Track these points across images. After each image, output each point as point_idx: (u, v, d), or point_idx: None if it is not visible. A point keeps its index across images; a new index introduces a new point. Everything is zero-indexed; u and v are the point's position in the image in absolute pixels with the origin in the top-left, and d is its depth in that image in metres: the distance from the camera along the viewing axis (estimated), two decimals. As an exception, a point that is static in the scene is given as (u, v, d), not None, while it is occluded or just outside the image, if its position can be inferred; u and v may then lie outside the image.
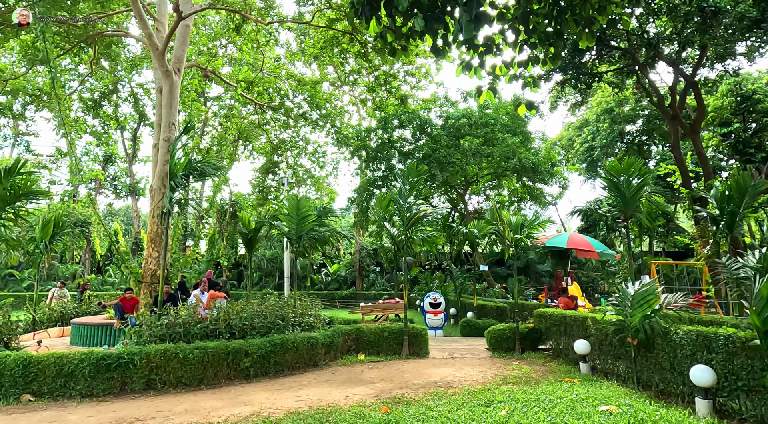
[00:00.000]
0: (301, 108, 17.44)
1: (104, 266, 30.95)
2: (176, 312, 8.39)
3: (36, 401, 6.41)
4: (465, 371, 8.43)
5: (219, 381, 7.47)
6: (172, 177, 8.52)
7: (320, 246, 10.80)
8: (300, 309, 10.07)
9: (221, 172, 9.08)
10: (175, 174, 8.54)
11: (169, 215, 8.65)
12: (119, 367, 6.79)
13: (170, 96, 11.94)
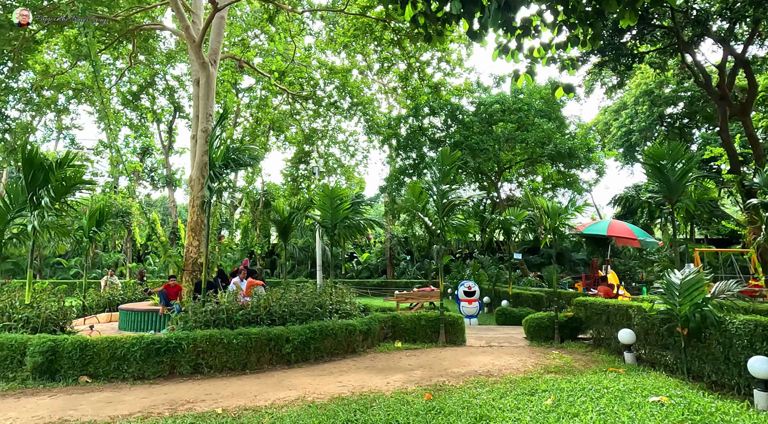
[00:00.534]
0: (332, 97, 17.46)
1: (144, 254, 32.09)
2: (217, 299, 8.64)
3: (93, 382, 6.72)
4: (504, 360, 8.36)
5: (262, 366, 7.65)
6: (212, 167, 8.68)
7: (355, 234, 10.84)
8: (336, 297, 10.19)
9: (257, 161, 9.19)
10: (214, 164, 8.69)
11: (209, 205, 8.84)
12: (168, 351, 7.03)
13: (207, 87, 12.14)
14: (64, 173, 8.63)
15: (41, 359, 6.65)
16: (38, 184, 8.44)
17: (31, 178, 8.43)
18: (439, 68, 13.61)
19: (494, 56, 6.90)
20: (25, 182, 8.45)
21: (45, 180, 8.47)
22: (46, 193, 8.41)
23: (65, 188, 8.68)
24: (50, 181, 8.49)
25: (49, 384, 6.62)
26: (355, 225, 10.68)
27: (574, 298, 10.49)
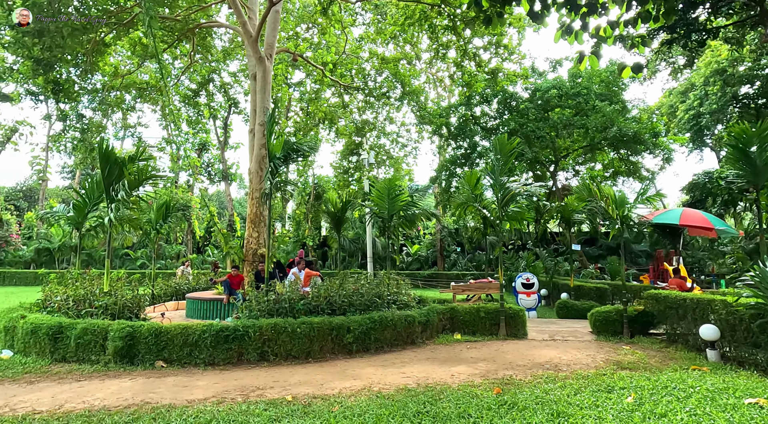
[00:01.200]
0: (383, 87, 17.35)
1: (203, 246, 33.58)
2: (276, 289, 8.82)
3: (167, 367, 7.04)
4: (571, 354, 8.01)
5: (324, 355, 7.74)
6: (272, 158, 8.82)
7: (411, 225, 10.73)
8: (394, 288, 10.15)
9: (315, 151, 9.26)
10: (274, 155, 8.82)
11: (270, 197, 9.01)
12: (236, 338, 7.24)
13: (264, 81, 12.37)
14: (136, 167, 9.07)
15: (121, 344, 7.03)
16: (114, 178, 8.91)
17: (107, 172, 8.91)
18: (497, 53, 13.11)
19: (556, 38, 6.51)
20: (102, 177, 8.95)
21: (120, 174, 8.94)
22: (121, 186, 8.86)
23: (138, 181, 9.11)
24: (124, 175, 8.94)
25: (129, 368, 6.98)
26: (412, 216, 10.57)
27: (645, 291, 9.89)
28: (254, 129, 12.69)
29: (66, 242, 31.31)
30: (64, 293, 8.87)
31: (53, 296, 9.06)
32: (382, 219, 10.74)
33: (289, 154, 8.79)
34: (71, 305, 8.42)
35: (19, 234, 35.05)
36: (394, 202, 10.35)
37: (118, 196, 8.87)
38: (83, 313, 8.15)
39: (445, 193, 22.55)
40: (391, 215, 10.50)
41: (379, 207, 10.75)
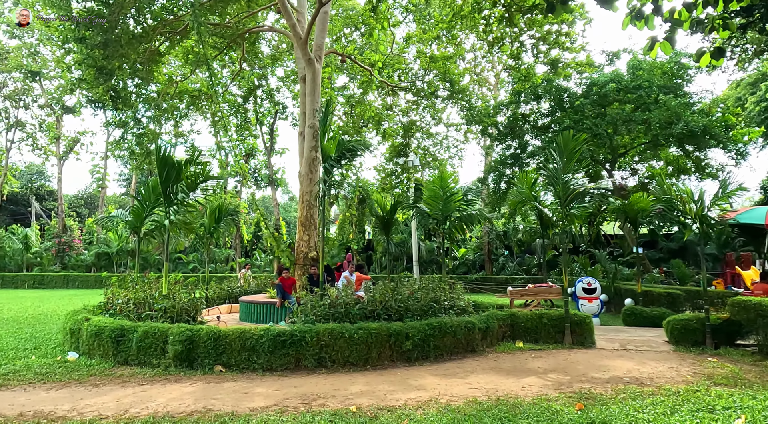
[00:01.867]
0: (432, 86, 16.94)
1: (251, 250, 34.24)
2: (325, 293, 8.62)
3: (226, 372, 6.93)
4: (651, 367, 7.32)
5: (382, 362, 7.42)
6: (326, 159, 8.63)
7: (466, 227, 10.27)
8: (450, 293, 9.73)
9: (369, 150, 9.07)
10: (328, 156, 8.62)
11: (324, 198, 8.84)
12: (293, 344, 7.05)
13: (313, 83, 12.29)
14: (192, 171, 9.12)
15: (181, 348, 6.99)
16: (171, 182, 9.00)
17: (165, 176, 9.01)
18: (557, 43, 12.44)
19: (624, 24, 5.94)
20: (160, 180, 9.06)
21: (177, 177, 9.02)
22: (178, 189, 8.93)
23: (194, 184, 9.17)
24: (181, 178, 9.02)
25: (188, 372, 6.93)
26: (468, 217, 10.11)
27: (730, 298, 8.99)
28: (304, 132, 12.64)
29: (123, 247, 32.72)
30: (125, 296, 9.02)
31: (115, 299, 9.24)
32: (436, 221, 10.34)
33: (344, 154, 8.58)
34: (132, 308, 8.53)
35: (80, 239, 37.01)
36: (448, 203, 9.94)
37: (175, 200, 8.94)
38: (143, 316, 8.23)
39: (494, 195, 21.84)
40: (446, 216, 10.10)
41: (431, 208, 10.37)
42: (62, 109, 37.23)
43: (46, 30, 28.57)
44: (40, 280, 30.23)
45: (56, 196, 41.33)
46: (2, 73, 35.55)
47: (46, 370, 7.03)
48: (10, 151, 38.43)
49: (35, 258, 34.39)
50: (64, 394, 5.91)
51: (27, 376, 6.72)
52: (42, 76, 35.84)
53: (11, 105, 37.38)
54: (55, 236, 35.59)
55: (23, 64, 34.08)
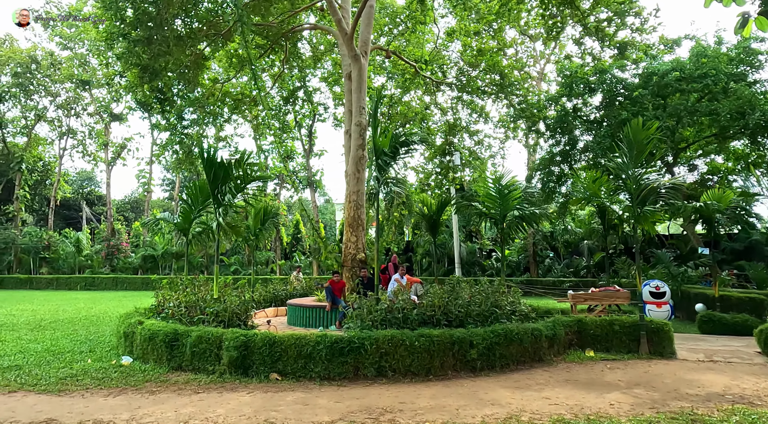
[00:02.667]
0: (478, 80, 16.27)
1: (290, 252, 34.38)
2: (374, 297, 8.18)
3: (282, 380, 6.59)
4: (751, 382, 6.51)
5: (445, 372, 6.91)
6: (378, 155, 8.19)
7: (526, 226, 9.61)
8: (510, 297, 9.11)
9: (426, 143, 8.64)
10: (381, 151, 8.16)
11: (377, 196, 8.39)
12: (351, 351, 6.64)
13: (359, 80, 11.93)
14: (240, 171, 8.90)
15: (236, 354, 6.70)
16: (219, 182, 8.80)
17: (212, 176, 8.82)
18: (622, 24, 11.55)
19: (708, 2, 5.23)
20: (208, 181, 8.88)
21: (225, 178, 8.81)
22: (228, 190, 8.73)
23: (242, 185, 8.95)
24: (229, 178, 8.80)
25: (244, 379, 6.63)
26: (528, 216, 9.45)
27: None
28: (350, 129, 12.29)
29: (168, 250, 33.49)
30: (176, 299, 8.88)
31: (166, 302, 9.12)
32: (494, 220, 9.74)
33: (398, 148, 8.12)
34: (183, 312, 8.36)
35: (128, 242, 38.23)
36: (507, 201, 9.31)
37: (224, 201, 8.74)
38: (196, 320, 8.03)
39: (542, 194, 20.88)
40: (504, 215, 9.48)
41: (488, 207, 9.77)
42: (110, 117, 38.61)
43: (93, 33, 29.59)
44: (91, 282, 31.30)
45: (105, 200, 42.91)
46: (55, 85, 37.21)
47: (102, 374, 6.90)
48: (62, 158, 40.18)
49: (86, 261, 35.72)
50: (121, 401, 5.70)
51: (84, 381, 6.59)
52: (91, 85, 37.28)
53: (63, 114, 39.09)
54: (104, 239, 36.88)
55: (74, 74, 35.53)
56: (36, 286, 31.92)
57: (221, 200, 8.80)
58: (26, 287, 32.05)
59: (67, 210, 47.15)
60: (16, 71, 35.41)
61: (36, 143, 39.29)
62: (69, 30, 34.65)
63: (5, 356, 8.31)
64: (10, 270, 35.62)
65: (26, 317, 14.28)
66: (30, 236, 35.72)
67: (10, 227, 37.87)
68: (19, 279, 32.53)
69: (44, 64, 35.99)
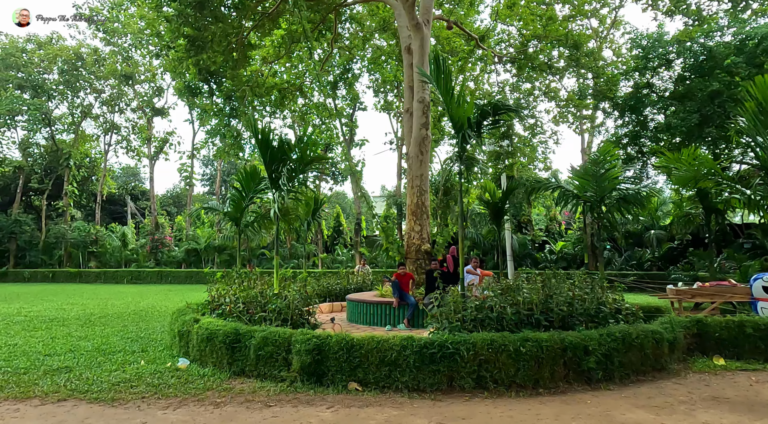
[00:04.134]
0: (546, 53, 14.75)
1: (332, 245, 33.70)
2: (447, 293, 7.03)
3: (363, 391, 5.58)
4: None
5: (556, 384, 5.73)
6: (459, 127, 6.96)
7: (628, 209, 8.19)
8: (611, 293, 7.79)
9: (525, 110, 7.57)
10: (461, 122, 6.93)
11: (461, 176, 7.23)
12: (444, 358, 5.55)
13: (421, 51, 10.78)
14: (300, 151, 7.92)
15: (309, 360, 5.74)
16: (277, 163, 7.85)
17: (269, 158, 7.89)
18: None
19: None
20: (264, 163, 7.95)
21: (282, 159, 7.86)
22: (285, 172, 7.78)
23: (301, 166, 7.98)
24: (287, 160, 7.85)
25: (318, 389, 5.66)
26: (632, 196, 8.04)
27: None
28: (411, 108, 11.17)
29: (210, 243, 33.43)
30: (233, 294, 8.04)
31: (220, 296, 8.30)
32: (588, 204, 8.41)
33: (483, 119, 6.89)
34: (242, 308, 7.49)
35: (171, 236, 38.56)
36: (603, 180, 7.96)
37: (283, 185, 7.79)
38: (257, 318, 7.13)
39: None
40: (602, 196, 8.13)
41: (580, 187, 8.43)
42: (152, 111, 38.90)
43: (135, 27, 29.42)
44: (136, 275, 31.59)
45: (148, 195, 43.50)
46: (100, 81, 37.74)
47: (158, 380, 6.09)
48: (107, 153, 40.87)
49: (132, 255, 36.21)
50: (183, 416, 4.83)
51: (139, 388, 5.79)
52: (134, 81, 37.60)
53: (107, 110, 39.67)
54: (149, 233, 37.29)
55: (117, 70, 35.86)
56: (85, 279, 32.51)
57: (279, 184, 7.85)
58: (76, 281, 32.69)
59: (112, 205, 48.20)
60: (63, 68, 36.06)
61: (83, 140, 40.08)
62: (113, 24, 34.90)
63: (55, 356, 7.69)
64: (61, 264, 36.52)
65: (76, 312, 13.96)
66: (79, 231, 36.49)
67: (60, 222, 38.87)
68: (69, 273, 33.22)
69: (89, 61, 36.50)
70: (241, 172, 10.12)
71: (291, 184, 7.98)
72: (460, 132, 7.04)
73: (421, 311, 9.05)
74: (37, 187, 39.69)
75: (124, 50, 35.71)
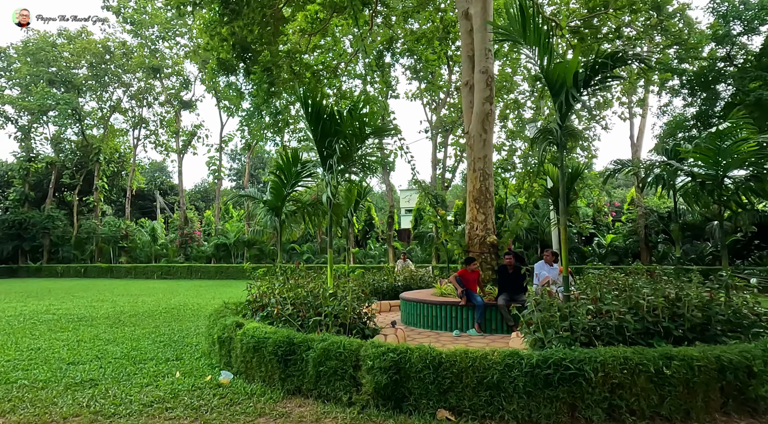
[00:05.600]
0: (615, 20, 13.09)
1: (363, 240, 32.59)
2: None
3: (458, 421, 4.33)
4: None
5: (712, 416, 4.37)
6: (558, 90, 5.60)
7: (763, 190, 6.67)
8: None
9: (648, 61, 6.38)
10: (562, 81, 5.52)
11: (563, 148, 5.84)
12: (564, 381, 4.26)
13: (483, 15, 9.40)
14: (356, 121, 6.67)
15: (384, 380, 4.53)
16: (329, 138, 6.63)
17: (320, 133, 6.68)
18: None
19: None
20: (315, 139, 6.76)
21: (335, 132, 6.63)
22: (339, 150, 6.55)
23: (362, 134, 6.73)
24: (341, 133, 6.62)
25: (399, 418, 4.45)
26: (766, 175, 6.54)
27: None
28: (469, 81, 9.83)
29: (240, 238, 32.76)
30: (279, 293, 6.90)
31: (264, 296, 7.19)
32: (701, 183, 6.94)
33: (591, 76, 5.49)
34: (291, 311, 6.33)
35: (200, 231, 38.14)
36: (727, 154, 6.47)
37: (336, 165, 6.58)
38: (311, 323, 5.96)
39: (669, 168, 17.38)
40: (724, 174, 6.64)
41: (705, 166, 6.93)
42: (180, 104, 38.45)
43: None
44: (167, 270, 31.18)
45: (177, 190, 43.29)
46: (128, 74, 37.46)
47: (198, 400, 4.99)
48: (136, 148, 40.70)
49: (162, 249, 35.92)
50: (234, 459, 3.67)
51: (176, 411, 4.70)
52: (162, 74, 37.17)
53: (136, 104, 39.43)
54: (178, 228, 36.95)
55: (144, 63, 35.45)
56: (116, 275, 32.32)
57: (332, 163, 6.64)
58: (107, 276, 32.54)
59: (141, 200, 48.30)
60: (92, 62, 35.86)
61: (112, 134, 40.00)
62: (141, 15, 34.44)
63: (80, 364, 6.72)
64: (93, 259, 36.54)
65: (106, 309, 13.18)
66: (109, 226, 36.43)
67: (91, 218, 38.93)
68: (101, 268, 33.12)
69: (117, 55, 36.21)
70: (282, 155, 8.99)
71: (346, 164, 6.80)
72: (560, 94, 5.67)
73: (493, 313, 7.77)
74: (69, 183, 39.84)
75: (151, 42, 35.25)
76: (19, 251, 37.03)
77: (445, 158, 31.44)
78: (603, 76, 5.55)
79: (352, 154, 6.72)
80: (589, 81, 5.51)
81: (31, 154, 38.14)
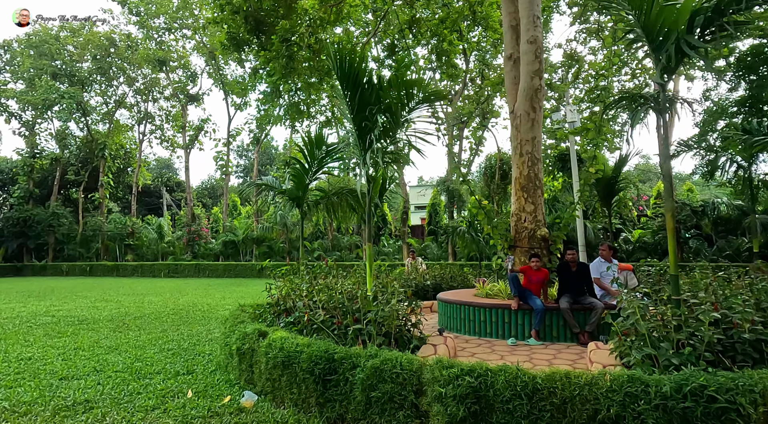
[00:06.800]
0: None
1: (376, 236, 31.49)
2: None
3: (564, 469, 3.24)
4: None
5: None
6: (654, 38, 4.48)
7: None
8: None
9: None
10: (672, 28, 4.39)
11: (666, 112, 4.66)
12: (708, 416, 3.15)
13: (532, -23, 8.26)
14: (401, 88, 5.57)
15: (461, 413, 3.44)
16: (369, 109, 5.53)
17: (357, 103, 5.59)
18: None
19: None
20: (350, 110, 5.67)
21: (376, 100, 5.53)
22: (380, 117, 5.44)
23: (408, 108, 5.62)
24: (382, 102, 5.52)
25: (483, 463, 3.36)
26: None
27: None
28: (513, 54, 8.70)
29: (249, 235, 31.79)
30: (307, 296, 5.84)
31: (289, 299, 6.13)
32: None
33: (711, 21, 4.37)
34: (325, 317, 5.27)
35: (207, 228, 37.20)
36: None
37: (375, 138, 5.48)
38: (350, 333, 4.89)
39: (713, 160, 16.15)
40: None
41: None
42: (186, 99, 37.52)
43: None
44: (174, 268, 30.29)
45: (183, 187, 42.41)
46: (133, 67, 36.55)
47: (216, 433, 3.94)
48: (142, 143, 39.84)
49: (168, 247, 35.05)
50: None
51: (187, 449, 3.64)
52: (168, 67, 36.23)
53: (141, 99, 38.55)
54: (185, 224, 36.05)
55: (150, 56, 34.51)
56: (122, 273, 31.49)
57: (371, 140, 5.54)
58: (113, 274, 31.71)
59: (148, 197, 47.50)
60: (96, 56, 34.98)
61: (117, 130, 39.15)
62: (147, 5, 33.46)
63: (74, 379, 5.71)
64: (98, 257, 35.73)
65: (109, 311, 12.20)
66: (115, 223, 35.58)
67: (96, 215, 38.13)
68: (106, 266, 32.30)
69: (122, 47, 35.30)
70: (305, 138, 7.93)
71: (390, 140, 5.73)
72: (665, 44, 4.50)
73: (553, 318, 6.66)
74: (74, 179, 39.05)
75: (157, 33, 34.28)
76: (23, 249, 36.30)
77: (461, 152, 30.30)
78: (720, 24, 4.40)
79: (396, 129, 5.65)
80: (709, 24, 4.36)
81: (35, 151, 37.37)
